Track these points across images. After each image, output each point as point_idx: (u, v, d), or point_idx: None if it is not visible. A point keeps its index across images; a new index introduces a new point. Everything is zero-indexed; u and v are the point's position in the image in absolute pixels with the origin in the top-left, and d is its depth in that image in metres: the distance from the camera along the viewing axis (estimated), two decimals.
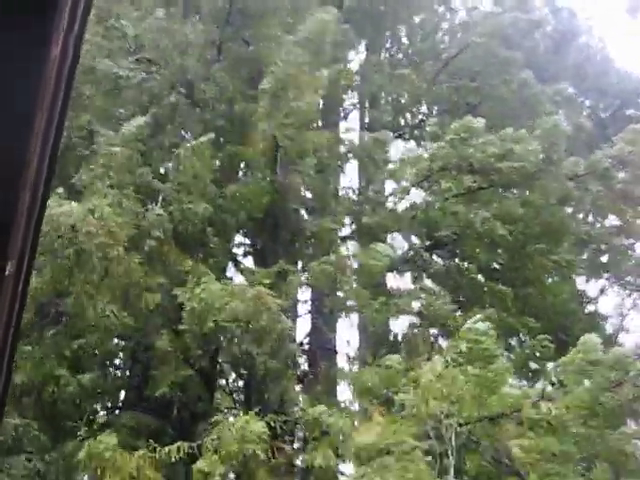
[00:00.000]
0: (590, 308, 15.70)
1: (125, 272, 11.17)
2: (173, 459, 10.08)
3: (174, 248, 12.32)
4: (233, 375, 16.09)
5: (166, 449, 10.19)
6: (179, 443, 10.35)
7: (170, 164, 13.89)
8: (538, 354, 12.38)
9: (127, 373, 15.55)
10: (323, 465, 10.56)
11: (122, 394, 15.34)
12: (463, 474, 9.35)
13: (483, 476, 9.40)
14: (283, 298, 11.95)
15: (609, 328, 15.30)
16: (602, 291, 16.08)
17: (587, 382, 9.22)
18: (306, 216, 15.77)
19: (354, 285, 14.13)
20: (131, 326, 11.69)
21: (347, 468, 11.78)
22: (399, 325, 15.37)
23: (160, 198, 12.98)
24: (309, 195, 15.96)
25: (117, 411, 14.82)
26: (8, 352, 2.61)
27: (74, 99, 12.12)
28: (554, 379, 9.28)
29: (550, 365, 9.83)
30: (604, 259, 15.63)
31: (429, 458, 9.44)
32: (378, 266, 13.15)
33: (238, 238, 16.43)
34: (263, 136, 13.91)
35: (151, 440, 10.48)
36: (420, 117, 17.39)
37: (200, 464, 9.85)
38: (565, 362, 9.28)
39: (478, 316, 10.06)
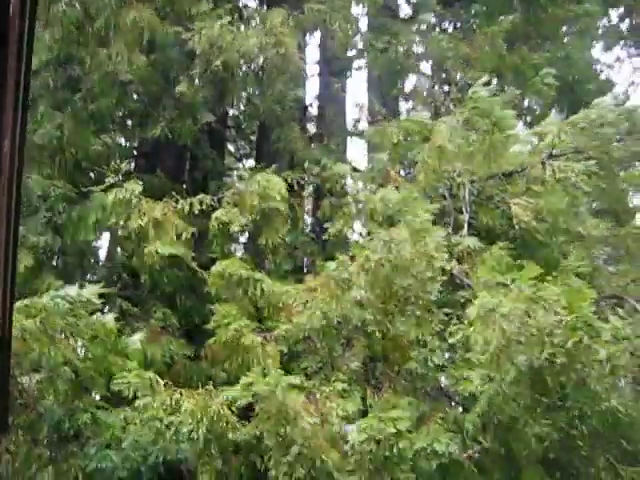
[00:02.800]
0: (604, 76, 15.49)
1: (138, 20, 10.89)
2: (196, 211, 10.41)
3: None
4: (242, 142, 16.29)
5: (188, 200, 10.51)
6: (201, 196, 10.63)
7: None
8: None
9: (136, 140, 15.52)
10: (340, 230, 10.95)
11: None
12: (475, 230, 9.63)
13: (494, 231, 9.71)
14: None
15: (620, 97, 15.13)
16: (617, 59, 15.81)
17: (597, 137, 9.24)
18: None
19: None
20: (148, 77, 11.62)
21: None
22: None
23: None
24: None
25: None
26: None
27: None
28: (563, 136, 9.23)
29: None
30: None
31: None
32: None
33: None
34: None
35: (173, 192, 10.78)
36: None
37: (219, 213, 10.20)
38: (574, 121, 9.27)
39: (484, 78, 9.94)
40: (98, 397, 9.12)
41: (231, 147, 16.74)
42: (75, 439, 8.45)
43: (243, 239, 13.03)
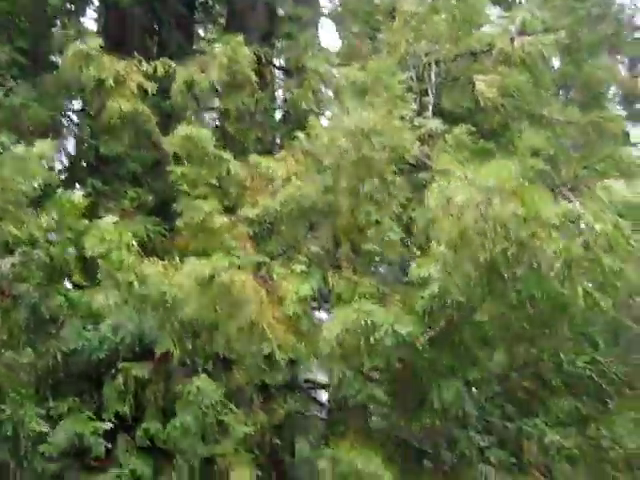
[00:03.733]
0: None
1: None
2: (160, 73, 10.20)
3: None
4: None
5: (152, 63, 10.26)
6: (164, 59, 10.42)
7: None
8: None
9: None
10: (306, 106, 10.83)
11: None
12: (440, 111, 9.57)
13: (458, 113, 9.66)
14: None
15: None
16: None
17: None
18: None
19: None
20: None
21: None
22: None
23: None
24: None
25: None
26: None
27: None
28: (537, 13, 9.05)
29: None
30: None
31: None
32: None
33: None
34: None
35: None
36: None
37: (184, 72, 10.03)
38: None
39: None
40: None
41: (201, 32, 16.42)
42: (52, 322, 8.73)
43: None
